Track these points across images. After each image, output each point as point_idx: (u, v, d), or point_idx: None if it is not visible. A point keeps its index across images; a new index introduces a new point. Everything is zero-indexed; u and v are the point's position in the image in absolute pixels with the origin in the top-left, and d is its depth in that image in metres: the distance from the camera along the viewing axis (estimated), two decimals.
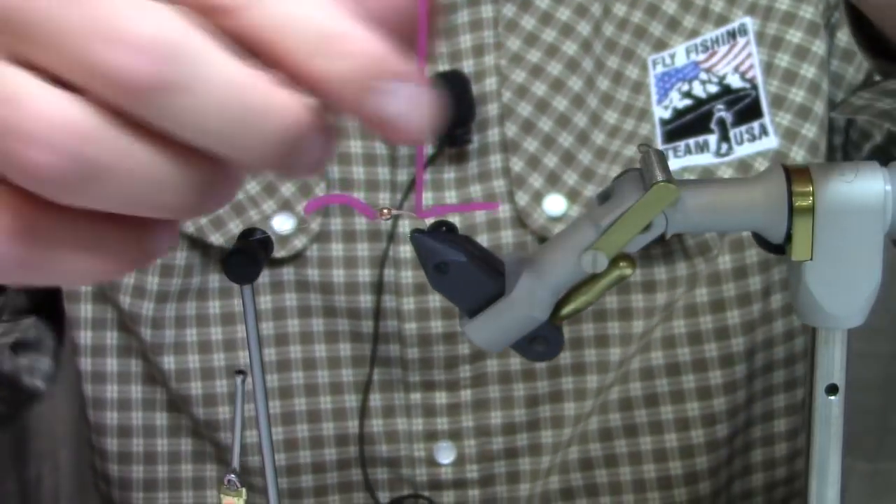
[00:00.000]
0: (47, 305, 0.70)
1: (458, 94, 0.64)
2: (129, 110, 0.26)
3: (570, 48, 0.66)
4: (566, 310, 0.38)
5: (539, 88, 0.65)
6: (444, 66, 0.65)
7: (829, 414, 0.39)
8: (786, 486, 0.70)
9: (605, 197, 0.37)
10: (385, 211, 0.34)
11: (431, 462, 0.65)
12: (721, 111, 0.65)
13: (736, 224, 0.38)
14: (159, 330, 0.65)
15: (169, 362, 0.65)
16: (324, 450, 0.65)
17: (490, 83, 0.65)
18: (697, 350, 0.65)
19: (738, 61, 0.66)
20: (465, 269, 0.36)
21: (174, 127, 0.26)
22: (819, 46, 0.65)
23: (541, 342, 0.37)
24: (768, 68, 0.65)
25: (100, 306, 0.66)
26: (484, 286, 0.36)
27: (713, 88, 0.65)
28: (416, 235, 0.36)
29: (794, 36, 0.65)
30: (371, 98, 0.27)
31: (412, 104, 0.27)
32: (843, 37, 0.66)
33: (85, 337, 0.66)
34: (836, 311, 0.38)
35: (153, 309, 0.65)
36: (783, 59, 0.65)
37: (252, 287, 0.39)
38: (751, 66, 0.65)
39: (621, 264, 0.37)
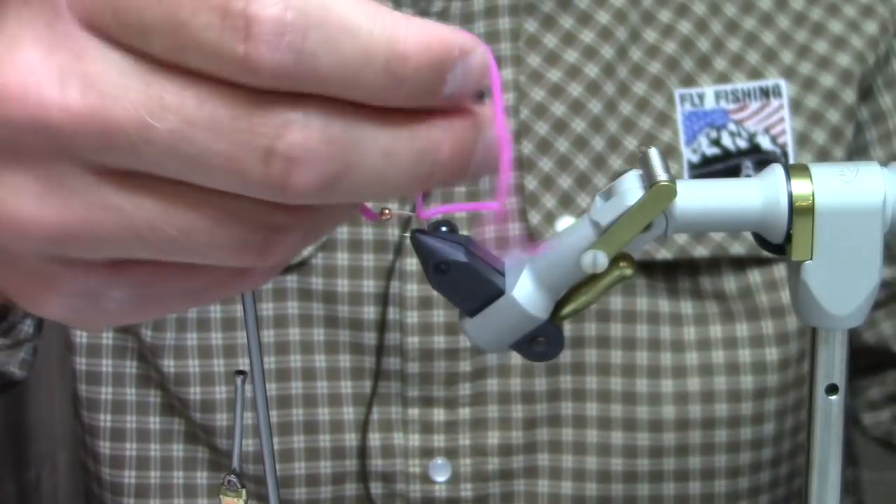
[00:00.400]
0: None
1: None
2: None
3: (591, 70, 0.65)
4: (566, 310, 0.38)
5: (558, 108, 0.64)
6: None
7: (830, 414, 0.39)
8: None
9: (606, 196, 0.37)
10: (386, 211, 0.34)
11: (426, 479, 0.65)
12: (749, 169, 0.65)
13: (736, 224, 0.38)
14: (160, 332, 0.65)
15: (169, 365, 0.65)
16: (319, 462, 0.65)
17: (507, 99, 0.64)
18: (708, 408, 0.65)
19: (769, 122, 0.65)
20: (466, 269, 0.36)
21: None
22: (850, 131, 0.66)
23: (540, 342, 0.37)
24: (803, 141, 0.65)
25: None
26: (484, 286, 0.36)
27: (742, 143, 0.65)
28: (417, 235, 0.36)
29: (833, 116, 0.66)
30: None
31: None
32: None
33: (80, 336, 0.66)
34: (836, 311, 0.38)
35: None
36: (820, 137, 0.65)
37: (252, 291, 0.39)
38: (782, 132, 0.65)
39: (622, 264, 0.37)
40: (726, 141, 0.65)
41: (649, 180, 0.36)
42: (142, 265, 0.28)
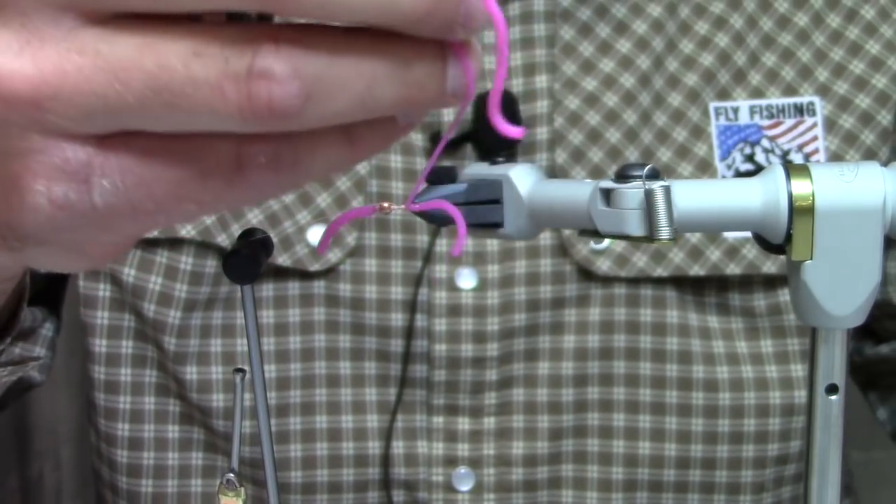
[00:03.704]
0: (45, 294, 0.69)
1: (504, 114, 0.63)
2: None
3: (627, 81, 0.65)
4: None
5: (593, 118, 0.64)
6: (491, 84, 0.64)
7: (830, 413, 0.39)
8: None
9: (605, 199, 0.37)
10: (386, 205, 0.34)
11: (449, 488, 0.65)
12: None
13: (736, 224, 0.38)
14: (184, 339, 0.64)
15: (192, 372, 0.65)
16: (342, 469, 0.65)
17: (541, 106, 0.64)
18: (710, 422, 0.65)
19: (803, 140, 0.65)
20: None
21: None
22: (884, 153, 0.66)
23: None
24: (837, 160, 0.65)
25: (116, 314, 0.66)
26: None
27: (776, 161, 0.65)
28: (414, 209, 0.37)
29: (868, 138, 0.66)
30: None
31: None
32: None
33: (100, 345, 0.66)
34: (836, 311, 0.38)
35: (179, 318, 0.64)
36: (854, 158, 0.65)
37: (252, 287, 0.39)
38: (816, 150, 0.65)
39: None
40: (760, 157, 0.65)
41: (651, 226, 0.36)
42: (129, 144, 0.28)
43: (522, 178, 0.39)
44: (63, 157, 0.28)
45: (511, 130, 0.30)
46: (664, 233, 0.35)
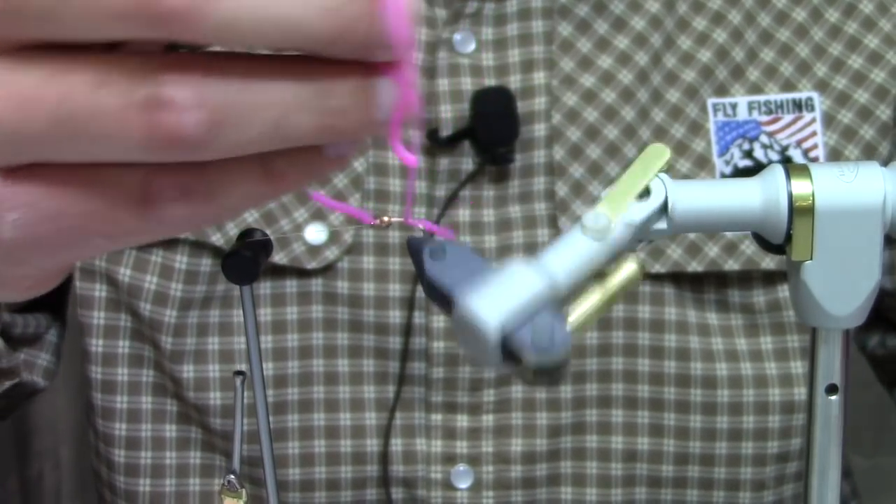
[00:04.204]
0: (50, 301, 0.69)
1: (502, 110, 0.63)
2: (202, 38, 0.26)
3: (625, 77, 0.65)
4: (576, 316, 0.38)
5: (591, 114, 0.64)
6: (489, 81, 0.64)
7: (829, 414, 0.39)
8: None
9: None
10: (385, 219, 0.34)
11: (448, 485, 0.65)
12: None
13: (736, 224, 0.38)
14: (181, 338, 0.64)
15: (188, 371, 0.65)
16: (340, 467, 0.65)
17: (539, 102, 0.64)
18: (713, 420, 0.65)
19: (801, 136, 0.65)
20: (463, 250, 0.35)
21: (234, 38, 0.26)
22: (884, 148, 0.66)
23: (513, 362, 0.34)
24: (835, 156, 0.65)
25: (112, 314, 0.66)
26: (482, 265, 0.34)
27: (774, 156, 0.65)
28: (411, 244, 0.36)
29: (867, 132, 0.65)
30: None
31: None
32: None
33: (96, 345, 0.66)
34: (836, 311, 0.38)
35: (175, 316, 0.64)
36: (853, 153, 0.65)
37: (251, 288, 0.39)
38: (815, 146, 0.65)
39: (629, 260, 0.37)
40: (758, 153, 0.65)
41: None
42: (35, 176, 0.28)
43: None
44: None
45: (409, 158, 0.29)
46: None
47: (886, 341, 0.72)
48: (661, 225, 0.37)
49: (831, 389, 0.38)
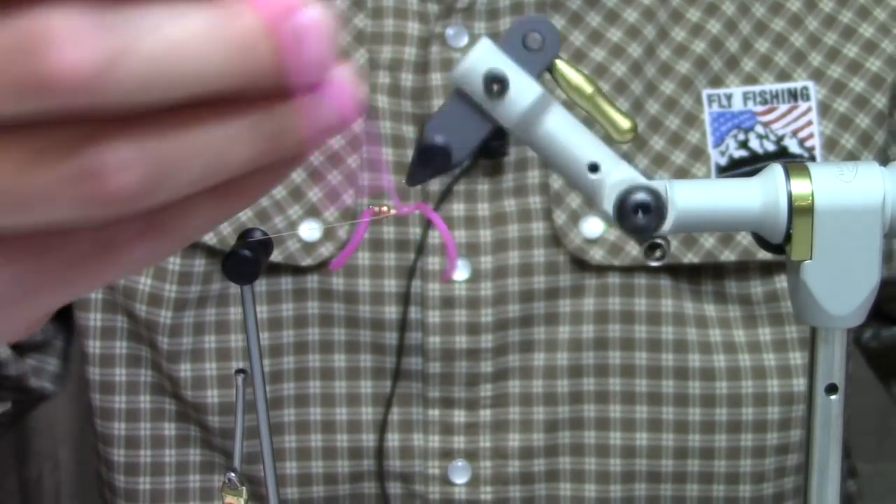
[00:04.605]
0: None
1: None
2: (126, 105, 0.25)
3: (619, 69, 0.65)
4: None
5: None
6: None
7: (829, 413, 0.39)
8: None
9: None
10: (384, 209, 0.34)
11: (445, 481, 0.65)
12: None
13: (736, 224, 0.38)
14: (177, 338, 0.64)
15: (185, 370, 0.65)
16: (336, 461, 0.65)
17: None
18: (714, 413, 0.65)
19: (797, 126, 0.65)
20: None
21: (153, 93, 0.25)
22: (880, 137, 0.66)
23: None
24: (831, 145, 0.65)
25: (109, 315, 0.66)
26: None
27: (770, 146, 0.65)
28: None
29: (863, 121, 0.65)
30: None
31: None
32: None
33: (94, 346, 0.66)
34: (835, 310, 0.38)
35: (171, 317, 0.64)
36: (849, 142, 0.65)
37: (252, 287, 0.39)
38: (810, 135, 0.65)
39: None
40: (754, 143, 0.65)
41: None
42: (5, 241, 0.27)
43: None
44: None
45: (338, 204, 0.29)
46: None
47: (881, 333, 0.72)
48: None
49: (831, 389, 0.38)
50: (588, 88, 0.37)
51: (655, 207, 0.36)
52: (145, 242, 0.28)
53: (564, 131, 0.36)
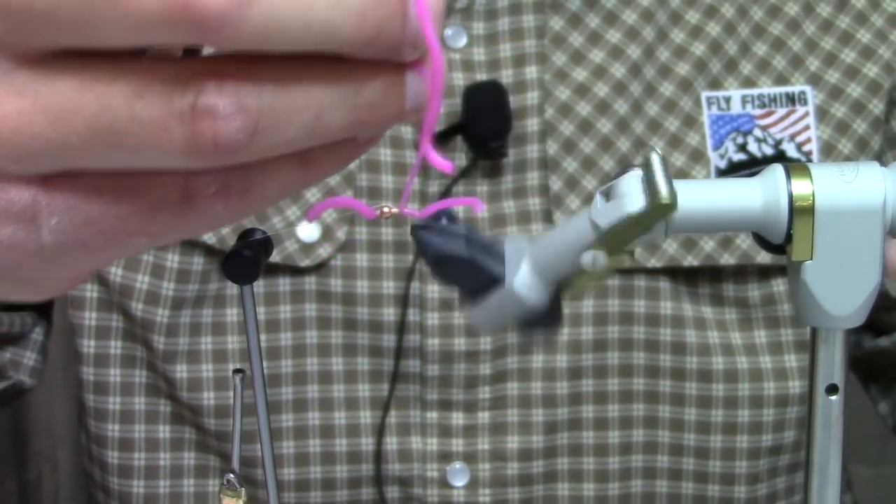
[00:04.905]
0: None
1: (494, 105, 0.63)
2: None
3: (618, 71, 0.65)
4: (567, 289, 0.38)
5: (584, 108, 0.64)
6: (481, 75, 0.64)
7: (830, 414, 0.39)
8: None
9: (606, 196, 0.37)
10: (385, 210, 0.34)
11: (444, 483, 0.65)
12: None
13: (736, 224, 0.38)
14: (173, 337, 0.64)
15: (181, 371, 0.64)
16: (335, 466, 0.65)
17: (532, 97, 0.64)
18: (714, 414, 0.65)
19: (794, 130, 0.65)
20: (465, 262, 0.36)
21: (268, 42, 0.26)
22: (876, 142, 0.66)
23: (539, 325, 0.38)
24: (829, 149, 0.65)
25: (104, 314, 0.65)
26: (485, 276, 0.37)
27: (768, 150, 0.65)
28: (417, 231, 0.36)
29: (860, 126, 0.66)
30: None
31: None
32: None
33: (88, 346, 0.66)
34: (836, 311, 0.38)
35: (168, 316, 0.64)
36: (846, 147, 0.65)
37: (252, 288, 0.39)
38: (808, 140, 0.65)
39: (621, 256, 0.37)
40: (752, 147, 0.65)
41: (650, 193, 0.35)
42: (75, 182, 0.28)
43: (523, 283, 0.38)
44: (8, 199, 0.27)
45: (442, 164, 0.29)
46: (664, 192, 0.35)
47: (863, 342, 0.72)
48: (661, 230, 0.37)
49: (831, 389, 0.38)
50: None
51: None
52: (227, 199, 0.28)
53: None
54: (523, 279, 0.37)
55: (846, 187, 0.36)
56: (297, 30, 0.25)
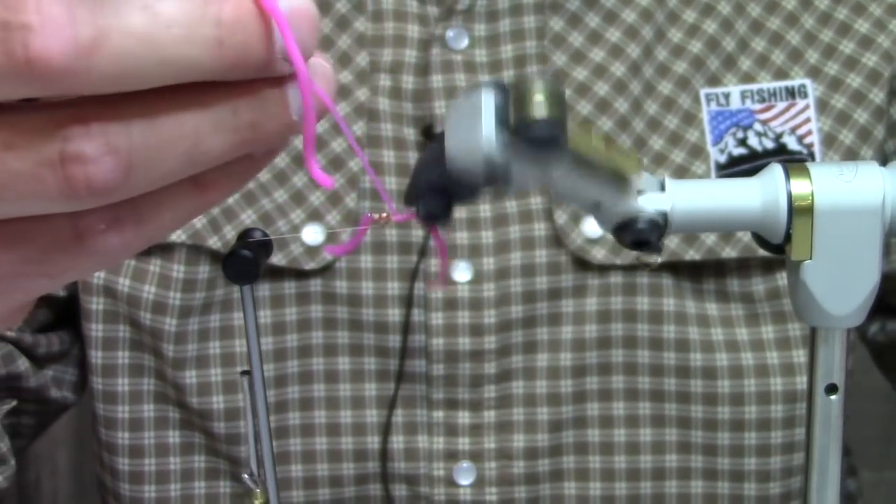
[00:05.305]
0: (72, 317, 0.69)
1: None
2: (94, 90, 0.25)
3: (618, 69, 0.65)
4: None
5: (584, 107, 0.65)
6: (483, 76, 0.65)
7: (829, 413, 0.39)
8: None
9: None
10: (384, 215, 0.34)
11: (450, 482, 0.65)
12: None
13: (736, 224, 0.38)
14: (182, 345, 0.64)
15: (191, 376, 0.64)
16: (342, 464, 0.65)
17: None
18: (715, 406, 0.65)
19: (795, 123, 0.65)
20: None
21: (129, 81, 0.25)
22: (879, 131, 0.66)
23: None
24: (830, 141, 0.65)
25: (111, 326, 0.65)
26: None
27: (769, 144, 0.65)
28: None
29: (861, 116, 0.66)
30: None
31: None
32: None
33: (96, 357, 0.66)
34: (835, 310, 0.38)
35: (176, 324, 0.64)
36: (847, 137, 0.65)
37: (252, 288, 0.39)
38: (809, 132, 0.65)
39: None
40: (753, 141, 0.65)
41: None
42: None
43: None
44: None
45: (322, 178, 0.28)
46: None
47: (886, 326, 0.72)
48: None
49: (831, 389, 0.38)
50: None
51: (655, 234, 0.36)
52: (121, 232, 0.28)
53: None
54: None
55: (845, 187, 0.37)
56: (152, 67, 0.25)
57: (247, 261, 0.39)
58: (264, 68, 0.26)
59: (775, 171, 0.37)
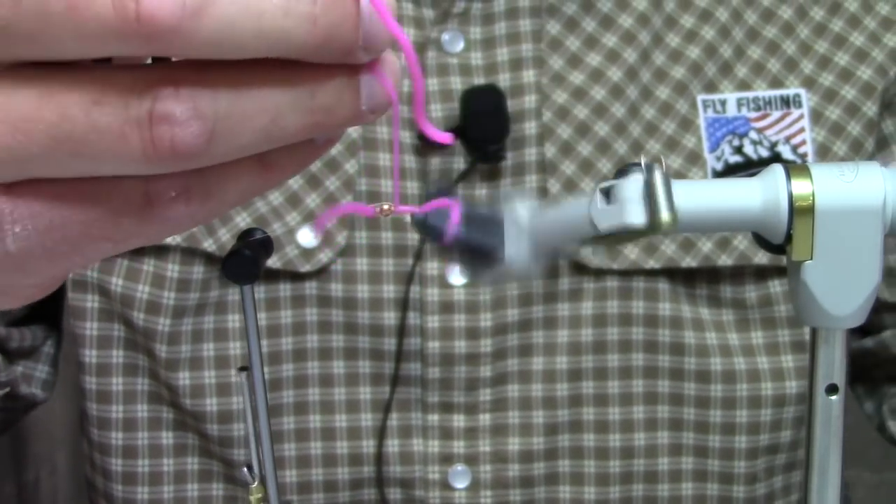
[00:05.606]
0: (45, 312, 0.69)
1: (492, 109, 0.63)
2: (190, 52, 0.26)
3: (614, 74, 0.65)
4: None
5: (581, 112, 0.65)
6: (479, 79, 0.65)
7: (830, 414, 0.39)
8: None
9: (606, 196, 0.37)
10: (385, 208, 0.34)
11: (445, 486, 0.65)
12: None
13: (736, 224, 0.38)
14: (175, 346, 0.64)
15: (184, 378, 0.64)
16: (337, 468, 0.65)
17: (529, 100, 0.64)
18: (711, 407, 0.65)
19: (790, 132, 0.66)
20: (467, 244, 0.37)
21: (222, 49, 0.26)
22: (870, 144, 0.66)
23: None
24: (824, 151, 0.66)
25: (105, 324, 0.65)
26: (484, 253, 0.37)
27: (764, 152, 0.65)
28: (417, 220, 0.36)
29: (854, 129, 0.66)
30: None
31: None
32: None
33: (90, 355, 0.65)
34: (836, 310, 0.38)
35: (169, 325, 0.64)
36: (840, 148, 0.66)
37: (252, 289, 0.39)
38: (803, 142, 0.66)
39: None
40: (748, 149, 0.65)
41: (651, 209, 0.35)
42: (37, 189, 0.28)
43: (522, 204, 0.39)
44: None
45: (441, 136, 0.30)
46: (665, 214, 0.35)
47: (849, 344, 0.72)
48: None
49: (831, 389, 0.38)
50: None
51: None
52: (188, 203, 0.28)
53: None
54: (521, 254, 0.37)
55: (846, 187, 0.37)
56: (249, 37, 0.26)
57: (247, 260, 0.39)
58: (348, 53, 0.27)
59: (776, 171, 0.37)
